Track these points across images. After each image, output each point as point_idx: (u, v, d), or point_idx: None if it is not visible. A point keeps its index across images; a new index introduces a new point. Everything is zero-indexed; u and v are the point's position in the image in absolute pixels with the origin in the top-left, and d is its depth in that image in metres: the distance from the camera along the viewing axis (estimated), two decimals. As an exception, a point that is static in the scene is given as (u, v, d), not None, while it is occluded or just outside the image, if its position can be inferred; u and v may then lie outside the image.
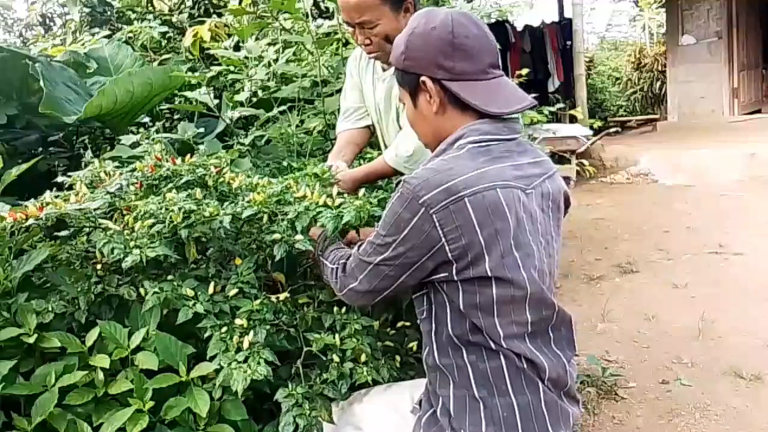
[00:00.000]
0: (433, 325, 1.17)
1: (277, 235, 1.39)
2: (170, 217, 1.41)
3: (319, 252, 1.39)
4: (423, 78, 1.15)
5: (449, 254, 1.07)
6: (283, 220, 1.41)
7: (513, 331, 1.12)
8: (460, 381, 1.14)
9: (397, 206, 1.10)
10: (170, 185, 1.59)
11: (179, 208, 1.41)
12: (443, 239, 1.06)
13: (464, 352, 1.13)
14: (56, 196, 1.64)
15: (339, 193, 1.47)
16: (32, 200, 1.67)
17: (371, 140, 2.16)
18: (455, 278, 1.09)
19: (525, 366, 1.12)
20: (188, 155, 1.80)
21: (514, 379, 1.11)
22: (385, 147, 2.04)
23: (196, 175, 1.61)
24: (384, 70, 1.92)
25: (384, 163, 1.82)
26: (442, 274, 1.10)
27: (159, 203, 1.45)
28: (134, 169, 1.74)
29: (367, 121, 2.08)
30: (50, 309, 1.45)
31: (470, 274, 1.08)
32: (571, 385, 1.19)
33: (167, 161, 1.72)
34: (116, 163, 1.99)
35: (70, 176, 1.83)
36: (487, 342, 1.12)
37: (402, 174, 1.79)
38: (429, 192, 1.05)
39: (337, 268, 1.28)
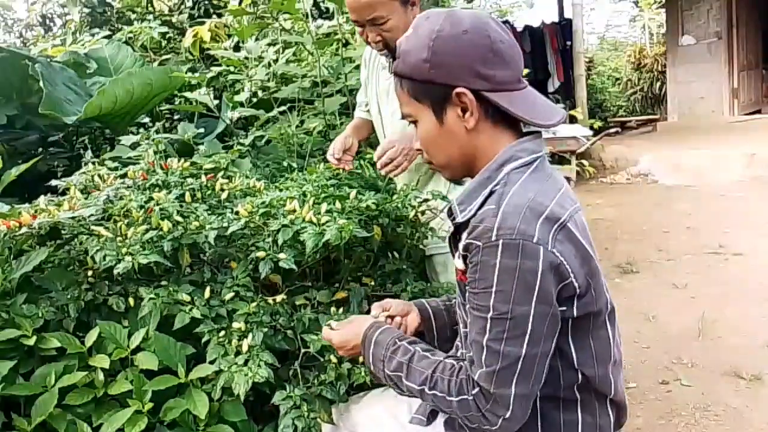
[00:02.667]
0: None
1: (261, 253, 1.39)
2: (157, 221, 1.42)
3: (392, 373, 1.07)
4: (459, 89, 0.97)
5: (577, 289, 0.92)
6: (268, 236, 1.41)
7: (618, 375, 1.00)
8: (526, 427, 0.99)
9: (509, 260, 0.88)
10: (164, 193, 1.60)
11: (163, 215, 1.41)
12: (571, 274, 0.91)
13: (538, 402, 0.98)
14: (50, 201, 1.65)
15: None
16: (27, 206, 1.68)
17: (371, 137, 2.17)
18: (574, 314, 0.94)
19: (600, 420, 1.01)
20: (183, 160, 1.81)
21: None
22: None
23: (186, 186, 1.61)
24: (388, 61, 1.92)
25: None
26: (560, 308, 0.93)
27: (144, 202, 1.45)
28: (125, 175, 1.75)
29: (370, 116, 2.09)
30: (40, 315, 1.45)
31: (594, 307, 0.94)
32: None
33: (160, 167, 1.73)
34: (115, 164, 1.99)
35: (64, 181, 1.84)
36: (589, 395, 0.99)
37: None
38: (534, 227, 0.89)
39: (470, 399, 0.96)
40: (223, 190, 1.66)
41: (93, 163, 1.97)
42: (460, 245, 0.98)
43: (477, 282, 0.92)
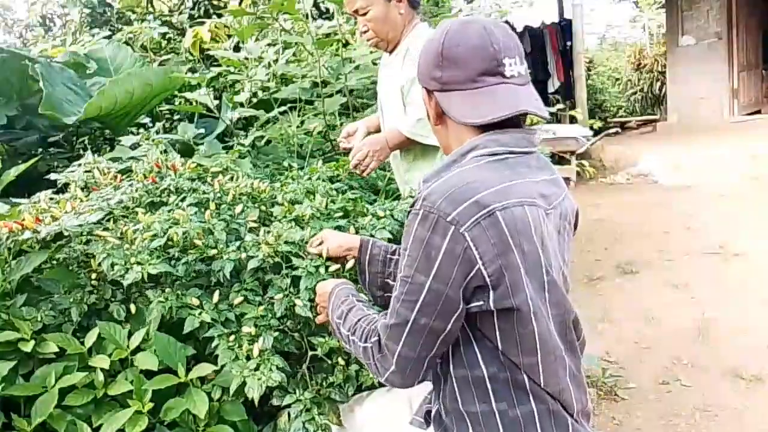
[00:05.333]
0: (459, 368, 1.04)
1: (279, 295, 1.38)
2: (171, 236, 1.41)
3: (337, 320, 1.20)
4: (422, 90, 1.13)
5: (487, 278, 0.93)
6: (287, 276, 1.40)
7: (553, 369, 1.03)
8: (487, 429, 1.04)
9: (422, 230, 0.94)
10: (174, 199, 1.59)
11: (183, 232, 1.41)
12: (479, 261, 0.92)
13: (493, 398, 1.02)
14: (51, 199, 1.63)
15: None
16: (26, 201, 1.66)
17: None
18: (492, 307, 0.96)
19: (557, 408, 1.04)
20: (189, 161, 1.80)
21: (544, 423, 1.03)
22: None
23: (198, 193, 1.60)
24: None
25: (398, 132, 1.91)
26: (476, 303, 0.96)
27: (165, 221, 1.44)
28: (131, 171, 1.72)
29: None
30: (39, 319, 1.44)
31: (511, 303, 0.95)
32: (588, 406, 1.14)
33: (167, 168, 1.71)
34: (114, 164, 1.98)
35: (64, 176, 1.82)
36: (524, 383, 1.02)
37: (412, 142, 1.91)
38: (456, 207, 0.92)
39: (369, 347, 1.06)
40: (236, 201, 1.63)
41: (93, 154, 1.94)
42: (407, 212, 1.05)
43: (402, 243, 1.01)
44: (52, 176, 1.85)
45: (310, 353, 1.41)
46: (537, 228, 0.98)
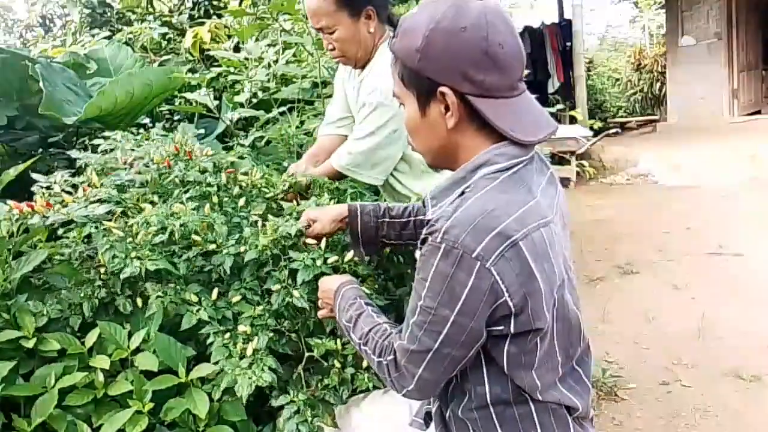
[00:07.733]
0: (464, 382, 1.04)
1: (277, 286, 1.37)
2: (171, 229, 1.41)
3: (346, 323, 1.18)
4: (443, 89, 0.95)
5: (512, 307, 0.91)
6: (285, 268, 1.40)
7: (548, 380, 1.02)
8: (485, 430, 1.04)
9: (444, 265, 0.90)
10: (179, 192, 1.58)
11: (181, 225, 1.40)
12: (505, 294, 0.90)
13: (491, 408, 1.02)
14: (65, 182, 1.62)
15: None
16: (43, 180, 1.64)
17: None
18: (511, 331, 0.94)
19: (555, 406, 1.04)
20: (207, 149, 1.80)
21: (543, 419, 1.03)
22: None
23: (203, 186, 1.60)
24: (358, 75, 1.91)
25: (331, 167, 1.86)
26: (496, 328, 0.94)
27: (163, 215, 1.43)
28: (142, 157, 1.72)
29: (347, 131, 2.05)
30: (45, 313, 1.44)
31: (531, 326, 0.93)
32: (590, 413, 1.14)
33: (184, 153, 1.71)
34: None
35: (85, 156, 1.82)
36: (521, 398, 1.02)
37: (344, 176, 1.85)
38: (480, 241, 0.88)
39: (385, 363, 1.05)
40: (244, 194, 1.62)
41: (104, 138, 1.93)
42: (421, 238, 0.99)
43: (419, 271, 0.96)
44: (73, 153, 1.86)
45: (306, 354, 1.41)
46: (553, 245, 0.95)
